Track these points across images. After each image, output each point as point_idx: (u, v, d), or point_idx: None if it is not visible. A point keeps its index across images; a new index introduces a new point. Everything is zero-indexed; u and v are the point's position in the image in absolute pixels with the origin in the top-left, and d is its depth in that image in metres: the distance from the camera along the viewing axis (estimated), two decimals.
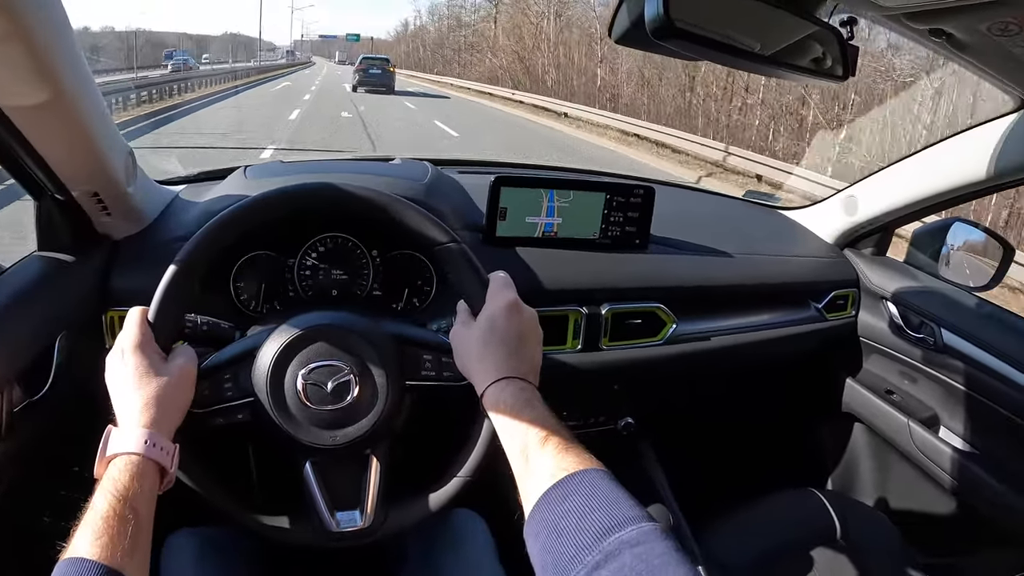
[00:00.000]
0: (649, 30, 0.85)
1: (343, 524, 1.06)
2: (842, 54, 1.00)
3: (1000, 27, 0.89)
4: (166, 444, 0.90)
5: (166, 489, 0.91)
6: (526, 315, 1.00)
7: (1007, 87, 1.24)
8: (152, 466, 0.87)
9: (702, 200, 2.01)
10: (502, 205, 1.38)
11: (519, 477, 0.83)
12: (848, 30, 1.01)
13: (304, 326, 1.05)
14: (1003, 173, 1.41)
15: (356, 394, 1.03)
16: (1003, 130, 1.38)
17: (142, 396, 0.91)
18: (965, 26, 0.93)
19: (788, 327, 1.68)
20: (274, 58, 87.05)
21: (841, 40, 1.00)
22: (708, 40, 0.90)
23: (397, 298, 1.39)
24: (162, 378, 0.94)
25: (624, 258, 1.49)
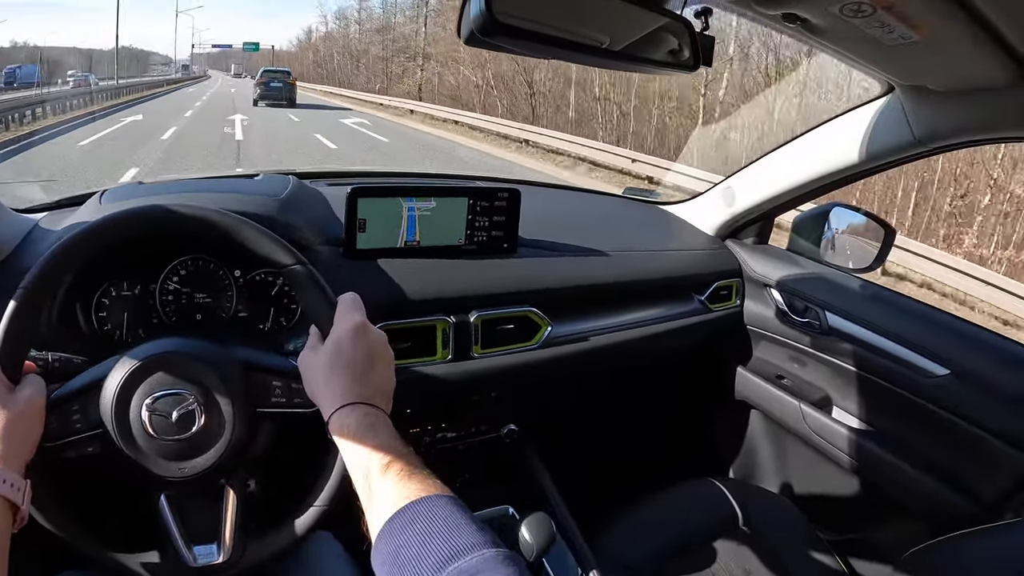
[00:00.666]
0: (475, 28, 0.81)
1: (200, 559, 1.02)
2: (695, 45, 0.98)
3: (853, 8, 0.87)
4: (16, 480, 0.85)
5: (20, 527, 0.87)
6: (373, 337, 0.98)
7: (871, 71, 1.24)
8: (2, 503, 0.83)
9: (577, 199, 1.98)
10: (361, 216, 1.32)
11: (364, 505, 0.81)
12: (703, 20, 1.01)
13: (147, 354, 1.01)
14: (875, 156, 1.43)
15: (202, 423, 0.99)
16: (872, 114, 1.39)
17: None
18: (817, 9, 0.91)
19: (672, 321, 1.67)
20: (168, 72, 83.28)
21: (692, 31, 0.98)
22: (545, 36, 0.86)
23: (263, 318, 1.34)
24: (9, 411, 0.89)
25: (492, 263, 1.44)
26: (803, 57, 15.36)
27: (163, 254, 1.27)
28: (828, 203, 1.69)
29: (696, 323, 1.71)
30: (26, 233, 1.34)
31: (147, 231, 1.06)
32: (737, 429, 2.01)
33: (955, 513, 1.44)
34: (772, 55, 17.72)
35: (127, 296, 1.27)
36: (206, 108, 27.07)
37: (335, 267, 1.18)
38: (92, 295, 1.24)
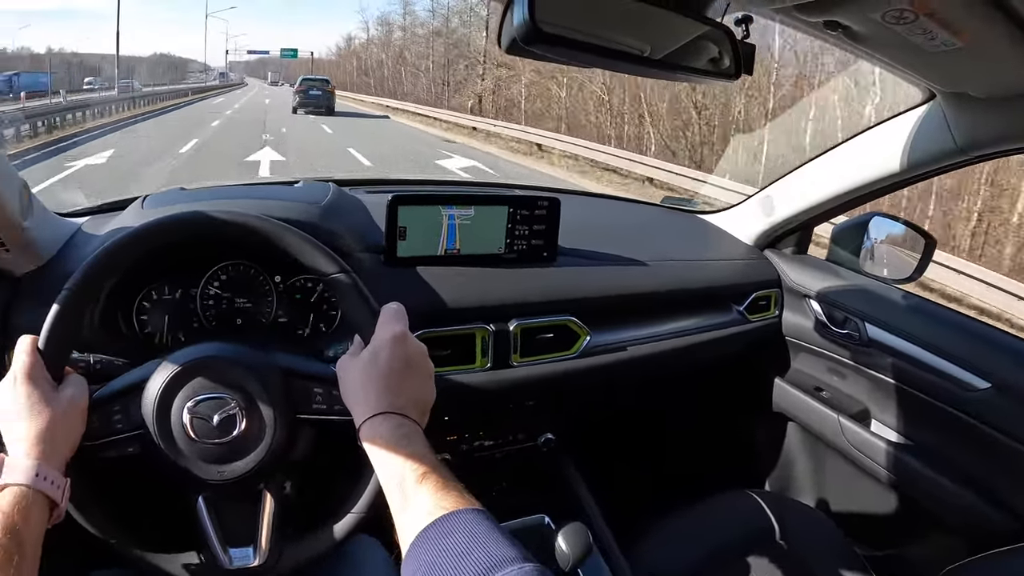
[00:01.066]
0: (518, 37, 0.81)
1: (236, 561, 1.03)
2: (736, 53, 0.97)
3: (895, 15, 0.87)
4: (56, 477, 0.87)
5: (55, 523, 0.88)
6: (412, 348, 0.98)
7: (913, 79, 1.23)
8: (41, 498, 0.84)
9: (617, 208, 1.98)
10: (401, 224, 1.33)
11: (396, 515, 0.82)
12: (743, 28, 0.99)
13: (190, 358, 1.03)
14: (916, 165, 1.41)
15: (243, 428, 1.00)
16: (913, 122, 1.38)
17: (31, 426, 0.88)
18: (859, 16, 0.91)
19: (710, 331, 1.66)
20: (206, 79, 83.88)
21: (733, 39, 0.97)
22: (586, 45, 0.86)
23: (303, 324, 1.35)
24: (52, 409, 0.90)
25: (531, 272, 1.44)
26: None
27: (204, 259, 1.30)
28: (867, 212, 1.68)
29: (734, 334, 1.70)
30: (69, 237, 1.37)
31: (191, 236, 1.08)
32: (774, 441, 1.98)
33: (994, 529, 1.41)
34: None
35: (168, 300, 1.29)
36: (225, 130, 21.44)
37: (376, 275, 1.19)
38: (133, 299, 1.27)
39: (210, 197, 1.47)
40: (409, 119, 29.79)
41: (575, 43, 0.83)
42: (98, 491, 1.00)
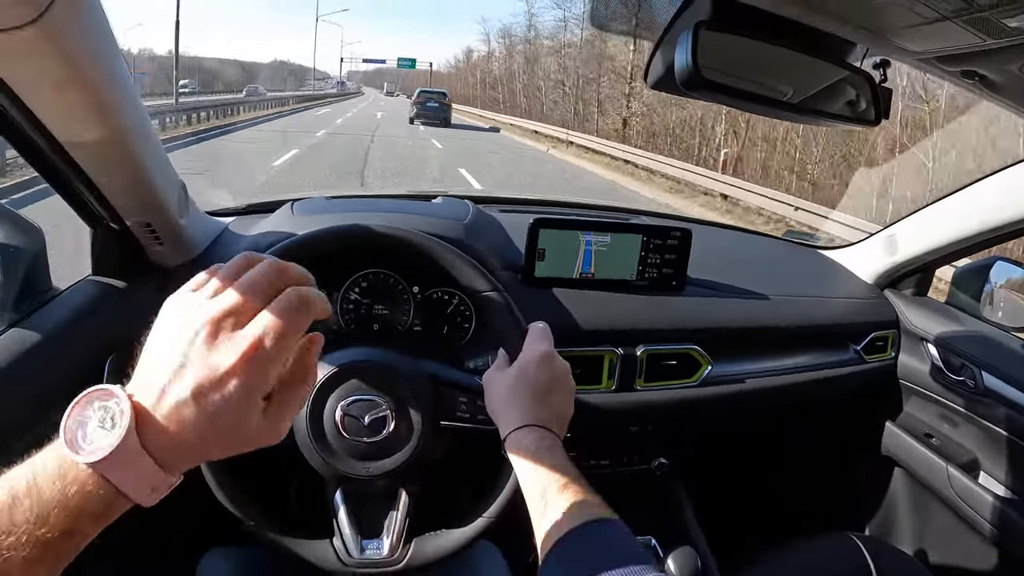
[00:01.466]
0: (679, 80, 0.85)
1: (368, 552, 1.09)
2: (875, 97, 0.99)
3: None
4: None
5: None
6: (558, 367, 1.03)
7: None
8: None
9: (740, 240, 1.98)
10: (540, 246, 1.38)
11: (536, 521, 0.84)
12: (881, 73, 1.00)
13: (345, 361, 1.09)
14: None
15: (392, 429, 1.07)
16: None
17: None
18: (997, 67, 0.91)
19: (826, 369, 1.64)
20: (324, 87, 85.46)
21: (873, 84, 0.98)
22: (738, 90, 0.90)
23: (437, 334, 1.41)
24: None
25: (660, 299, 1.47)
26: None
27: (347, 265, 1.36)
28: (991, 256, 1.65)
29: (850, 373, 1.68)
30: (217, 235, 1.46)
31: (357, 246, 1.16)
32: (879, 485, 1.94)
33: None
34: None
35: None
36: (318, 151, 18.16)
37: (514, 293, 1.22)
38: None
39: (355, 208, 1.54)
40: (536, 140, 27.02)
41: (727, 88, 0.87)
42: (242, 475, 1.07)
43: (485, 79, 52.91)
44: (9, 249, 1.12)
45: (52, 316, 1.12)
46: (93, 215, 1.20)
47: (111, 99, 0.91)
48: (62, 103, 0.89)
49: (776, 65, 0.96)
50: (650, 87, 1.01)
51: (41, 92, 0.86)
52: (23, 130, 0.94)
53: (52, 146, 0.98)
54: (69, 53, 0.79)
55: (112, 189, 1.12)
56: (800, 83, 1.01)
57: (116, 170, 1.07)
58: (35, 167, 1.06)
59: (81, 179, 1.07)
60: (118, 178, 1.10)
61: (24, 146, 1.00)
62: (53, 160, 1.02)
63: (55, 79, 0.83)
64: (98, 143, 0.97)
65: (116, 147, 1.00)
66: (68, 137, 0.96)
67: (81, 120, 0.92)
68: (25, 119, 0.91)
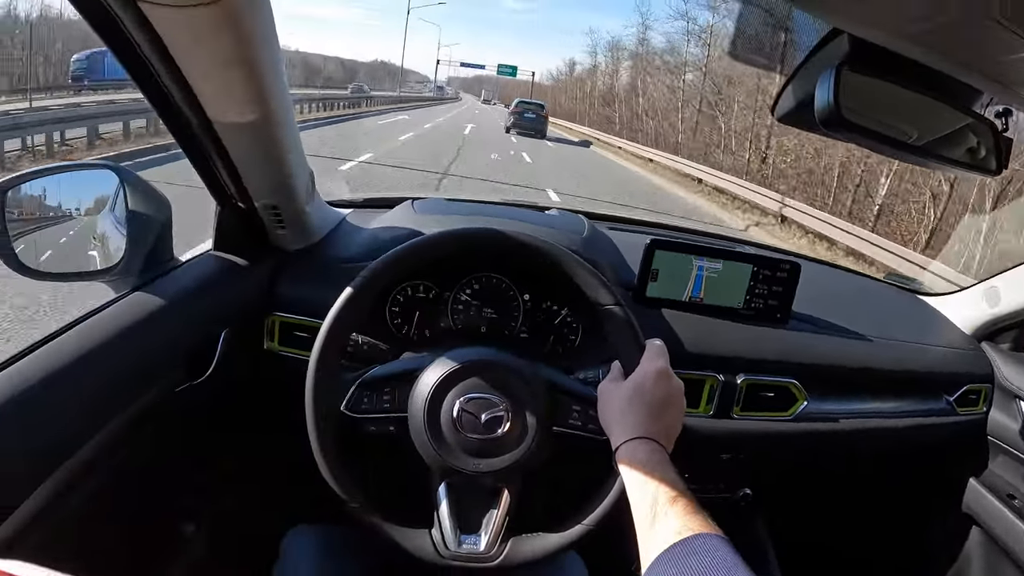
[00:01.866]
0: (818, 118, 0.87)
1: (464, 546, 1.11)
2: (996, 147, 0.99)
3: None
4: None
5: None
6: (674, 385, 1.06)
7: None
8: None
9: (842, 278, 1.97)
10: (654, 267, 1.40)
11: (642, 531, 0.86)
12: (1003, 122, 0.99)
13: (468, 359, 1.12)
14: None
15: (506, 429, 1.09)
16: None
17: None
18: None
19: (916, 417, 1.62)
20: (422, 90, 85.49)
21: (996, 132, 0.98)
22: (870, 131, 0.92)
23: (543, 343, 1.43)
24: None
25: (764, 330, 1.48)
26: None
27: (462, 267, 1.40)
28: None
29: (940, 424, 1.65)
30: (335, 225, 1.52)
31: (486, 250, 1.21)
32: (955, 541, 1.89)
33: None
34: None
35: (421, 298, 1.40)
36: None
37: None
38: (390, 292, 1.38)
39: (475, 212, 1.59)
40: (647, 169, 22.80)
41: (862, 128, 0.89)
42: (353, 459, 1.10)
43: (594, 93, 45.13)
44: (140, 216, 1.18)
45: (174, 284, 1.18)
46: (224, 193, 1.26)
47: (269, 83, 0.96)
48: (224, 82, 0.94)
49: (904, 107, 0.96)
50: (776, 119, 1.04)
51: (208, 70, 0.92)
52: (178, 105, 1.00)
53: (202, 122, 1.03)
54: (243, 35, 0.85)
55: (248, 170, 1.18)
56: (924, 126, 1.01)
57: (257, 151, 1.13)
58: (179, 142, 1.12)
59: (221, 157, 1.13)
60: (257, 159, 1.16)
61: (174, 121, 1.06)
62: (199, 136, 1.08)
63: (225, 58, 0.89)
64: (247, 124, 1.03)
65: (262, 129, 1.06)
66: (220, 116, 1.01)
67: (238, 100, 0.98)
68: (183, 95, 0.97)
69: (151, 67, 0.93)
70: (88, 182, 1.24)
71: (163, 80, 0.96)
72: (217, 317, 1.26)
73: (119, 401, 1.01)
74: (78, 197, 1.23)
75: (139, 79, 0.97)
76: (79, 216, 1.24)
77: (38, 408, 0.84)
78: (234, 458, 1.50)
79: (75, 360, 0.92)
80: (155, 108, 1.04)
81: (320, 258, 1.44)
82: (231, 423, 1.47)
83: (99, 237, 1.23)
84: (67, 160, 6.73)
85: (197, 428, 1.32)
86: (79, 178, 1.25)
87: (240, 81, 0.94)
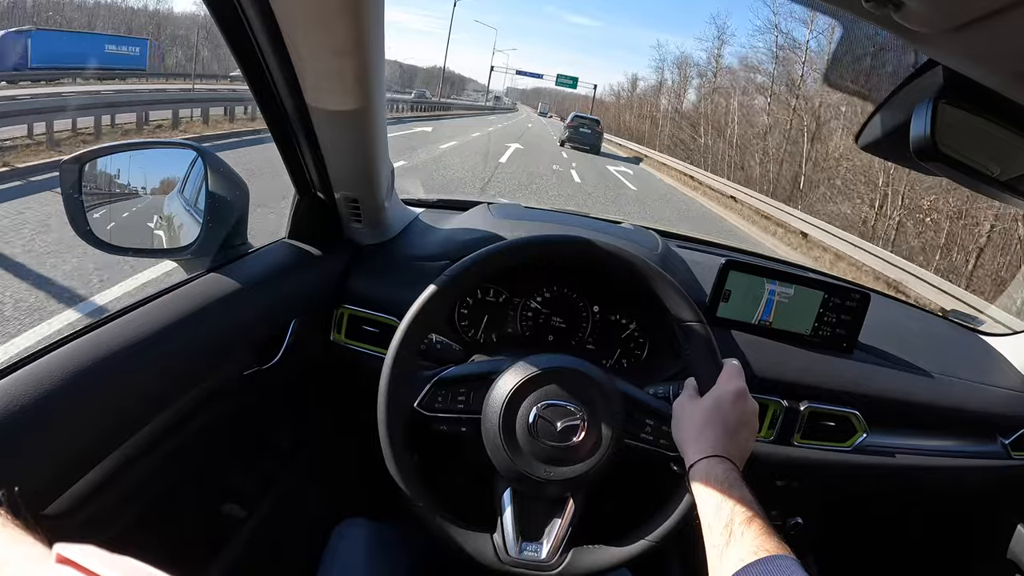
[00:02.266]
0: (913, 148, 0.87)
1: (525, 553, 1.10)
2: None
3: None
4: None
5: None
6: (750, 406, 1.07)
7: None
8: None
9: (904, 312, 1.94)
10: (727, 287, 1.40)
11: (716, 550, 0.86)
12: None
13: (548, 365, 1.11)
14: None
15: (580, 439, 1.08)
16: None
17: None
18: None
19: (971, 459, 1.59)
20: (478, 99, 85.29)
21: None
22: (959, 163, 0.91)
23: (608, 356, 1.43)
24: None
25: (829, 359, 1.46)
26: None
27: (537, 276, 1.41)
28: None
29: (993, 466, 1.62)
30: (408, 223, 1.53)
31: (579, 258, 1.20)
32: None
33: None
34: None
35: (491, 303, 1.41)
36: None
37: None
38: (464, 294, 1.40)
39: (551, 220, 1.59)
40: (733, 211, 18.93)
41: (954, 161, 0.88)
42: (418, 458, 1.11)
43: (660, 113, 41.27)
44: (219, 199, 1.18)
45: (248, 269, 1.18)
46: (306, 182, 1.27)
47: (372, 74, 0.97)
48: (330, 68, 0.94)
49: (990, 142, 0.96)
50: (860, 147, 1.04)
51: (317, 53, 0.92)
52: (277, 88, 1.02)
53: (298, 107, 1.05)
54: (360, 21, 0.86)
55: (335, 159, 1.19)
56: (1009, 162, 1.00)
57: (346, 142, 1.14)
58: (271, 128, 1.13)
59: (311, 145, 1.14)
60: (345, 150, 1.16)
61: (270, 105, 1.07)
62: (292, 123, 1.09)
63: (338, 43, 0.89)
64: (344, 112, 1.03)
65: (358, 120, 1.06)
66: (318, 102, 1.02)
67: (341, 89, 0.98)
68: (284, 78, 0.98)
69: (258, 47, 0.95)
70: (170, 161, 1.26)
71: (267, 61, 0.97)
72: (288, 305, 1.27)
73: (188, 381, 1.02)
74: (157, 174, 1.25)
75: (244, 59, 0.98)
76: (156, 193, 1.25)
77: (105, 382, 0.84)
78: (294, 446, 1.50)
79: (145, 338, 0.92)
80: (252, 90, 1.05)
81: (394, 254, 1.44)
82: (295, 411, 1.48)
83: (175, 216, 1.25)
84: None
85: (261, 413, 1.33)
86: (160, 156, 1.27)
87: (351, 68, 0.94)
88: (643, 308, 1.33)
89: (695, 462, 0.99)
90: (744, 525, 0.86)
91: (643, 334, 1.42)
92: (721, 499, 0.91)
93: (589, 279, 1.39)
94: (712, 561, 0.86)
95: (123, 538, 0.92)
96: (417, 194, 1.82)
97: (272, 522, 1.38)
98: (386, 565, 1.24)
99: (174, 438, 1.01)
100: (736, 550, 0.83)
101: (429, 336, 1.26)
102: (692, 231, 2.03)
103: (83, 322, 0.97)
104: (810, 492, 1.63)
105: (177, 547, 1.15)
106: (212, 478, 1.27)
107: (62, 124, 10.14)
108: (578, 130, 29.85)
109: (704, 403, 1.06)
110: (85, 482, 0.84)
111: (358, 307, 1.37)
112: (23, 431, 0.72)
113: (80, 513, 0.83)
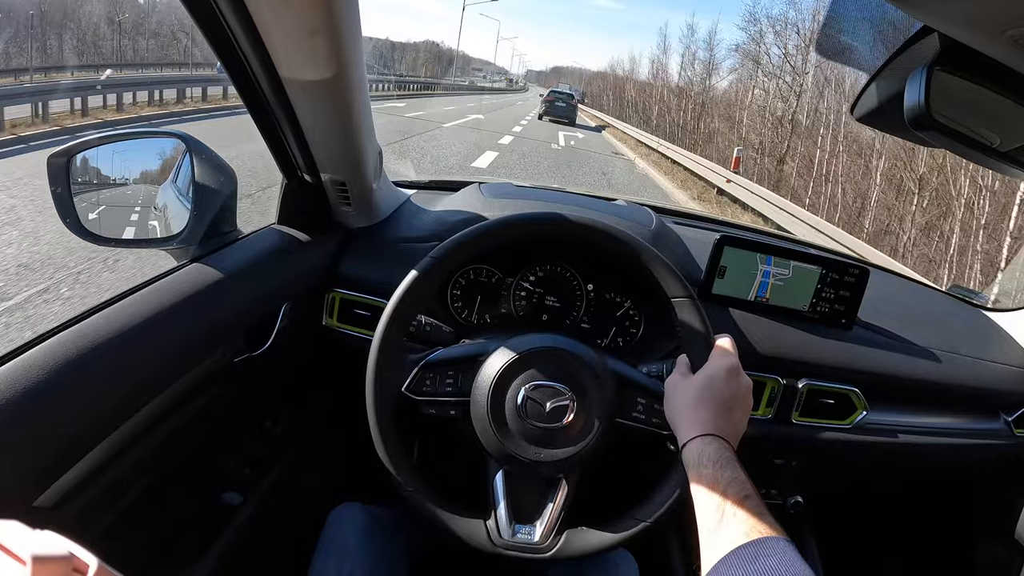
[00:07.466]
0: (907, 117, 0.85)
1: (518, 536, 1.09)
2: None
3: None
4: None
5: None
6: (743, 382, 1.05)
7: None
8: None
9: (905, 287, 1.91)
10: (722, 264, 1.38)
11: (707, 531, 0.85)
12: None
13: (536, 345, 1.11)
14: None
15: (570, 419, 1.07)
16: None
17: None
18: None
19: (974, 437, 1.58)
20: (479, 77, 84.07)
21: None
22: (955, 133, 0.89)
23: (603, 334, 1.42)
24: None
25: (828, 335, 1.44)
26: None
27: (526, 254, 1.39)
28: None
29: (996, 444, 1.60)
30: (399, 205, 1.52)
31: (568, 236, 1.18)
32: (1004, 567, 1.84)
33: None
34: None
35: (483, 283, 1.39)
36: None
37: None
38: (455, 275, 1.38)
39: (543, 198, 1.57)
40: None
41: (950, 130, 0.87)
42: (408, 442, 1.10)
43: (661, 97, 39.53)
44: (205, 187, 1.18)
45: (236, 256, 1.17)
46: (291, 165, 1.26)
47: (347, 44, 0.95)
48: (300, 36, 0.92)
49: (989, 112, 0.94)
50: (856, 120, 1.02)
51: (285, 20, 0.90)
52: (249, 64, 1.00)
53: (273, 84, 1.03)
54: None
55: (319, 140, 1.18)
56: (1008, 133, 0.98)
57: (329, 121, 1.12)
58: (250, 110, 1.12)
59: (292, 127, 1.12)
60: (327, 129, 1.15)
61: (247, 87, 1.05)
62: (270, 103, 1.08)
63: (306, 11, 0.87)
64: (320, 84, 1.01)
65: (334, 93, 1.05)
66: (293, 73, 1.00)
67: (313, 57, 0.96)
68: (254, 51, 0.96)
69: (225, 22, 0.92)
70: (155, 150, 1.25)
71: (235, 35, 0.95)
72: (278, 291, 1.26)
73: (177, 368, 1.01)
74: (143, 164, 1.24)
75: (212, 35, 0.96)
76: (143, 183, 1.24)
77: (94, 372, 0.83)
78: (287, 431, 1.49)
79: (134, 326, 0.90)
80: (227, 70, 1.03)
81: (384, 237, 1.43)
82: (287, 396, 1.47)
83: (163, 205, 1.24)
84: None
85: (253, 399, 1.32)
86: (146, 145, 1.26)
87: (319, 38, 0.92)
88: (636, 286, 1.31)
89: (687, 441, 0.97)
90: (737, 506, 0.84)
91: (638, 312, 1.40)
92: (713, 479, 0.89)
93: (582, 257, 1.38)
94: (704, 541, 0.84)
95: (117, 527, 0.92)
96: (408, 176, 1.81)
97: (267, 507, 1.38)
98: (381, 549, 1.23)
99: (166, 425, 1.01)
100: (728, 532, 0.81)
101: (419, 318, 1.25)
102: (689, 209, 2.01)
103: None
104: (809, 470, 1.62)
105: (171, 534, 1.15)
106: (205, 465, 1.26)
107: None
108: (554, 104, 32.22)
109: (696, 380, 1.04)
110: (76, 472, 0.83)
111: (349, 291, 1.36)
112: (10, 423, 0.71)
113: (71, 504, 0.82)
